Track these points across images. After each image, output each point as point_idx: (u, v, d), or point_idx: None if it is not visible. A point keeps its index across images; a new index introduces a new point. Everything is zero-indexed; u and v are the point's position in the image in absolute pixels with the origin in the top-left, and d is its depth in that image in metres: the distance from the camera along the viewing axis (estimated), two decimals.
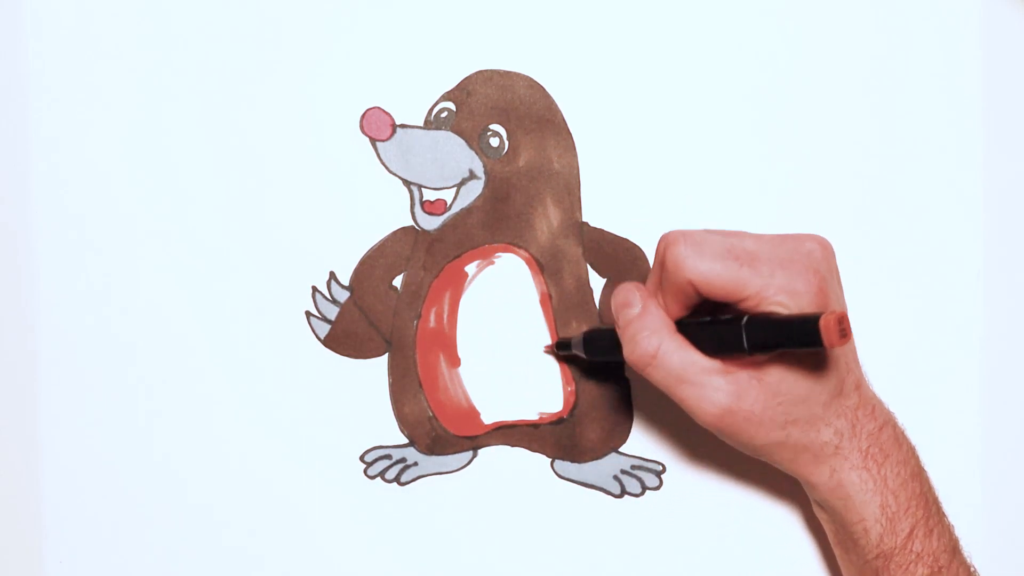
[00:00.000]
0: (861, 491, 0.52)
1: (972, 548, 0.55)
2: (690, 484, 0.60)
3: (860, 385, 0.53)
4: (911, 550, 0.52)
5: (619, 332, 0.53)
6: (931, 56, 0.60)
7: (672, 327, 0.51)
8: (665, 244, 0.51)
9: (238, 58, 0.58)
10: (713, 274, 0.50)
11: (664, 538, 0.60)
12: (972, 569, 0.54)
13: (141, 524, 0.59)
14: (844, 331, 0.46)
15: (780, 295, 0.49)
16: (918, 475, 0.53)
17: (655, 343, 0.51)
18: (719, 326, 0.50)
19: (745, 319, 0.49)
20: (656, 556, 0.60)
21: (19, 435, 0.59)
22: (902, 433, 0.54)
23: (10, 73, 0.58)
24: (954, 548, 0.53)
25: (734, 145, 0.60)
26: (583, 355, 0.58)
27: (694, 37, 0.59)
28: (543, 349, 0.60)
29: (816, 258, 0.51)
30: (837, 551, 0.56)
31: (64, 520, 0.59)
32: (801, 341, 0.47)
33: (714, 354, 0.51)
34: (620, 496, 0.60)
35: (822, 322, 0.46)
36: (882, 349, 0.60)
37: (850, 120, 0.60)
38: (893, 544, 0.52)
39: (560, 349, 0.59)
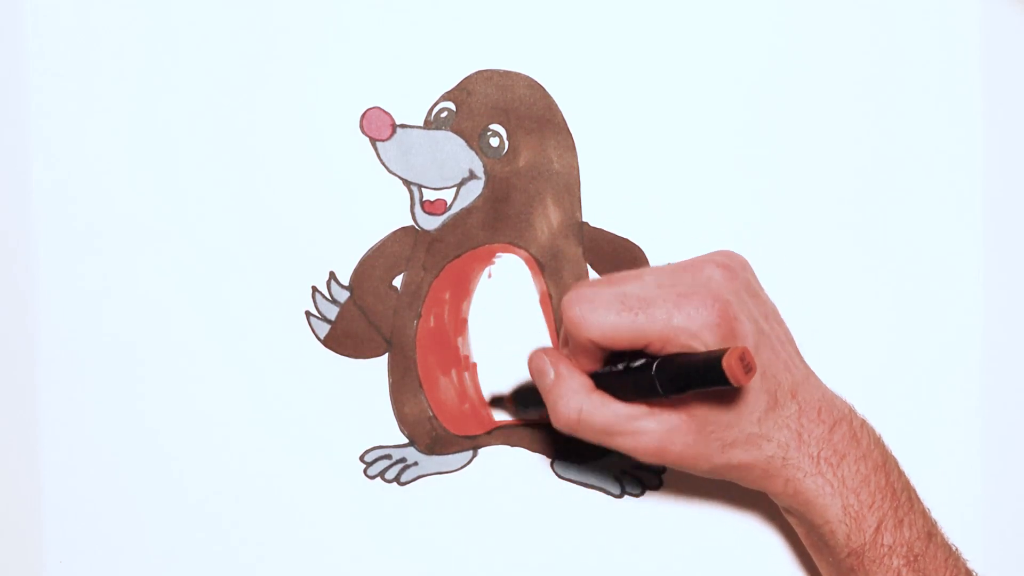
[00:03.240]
0: (820, 495, 0.52)
1: (972, 548, 0.55)
2: (690, 484, 0.60)
3: (797, 391, 0.52)
4: (881, 544, 0.52)
5: (543, 398, 0.54)
6: (931, 56, 0.60)
7: (589, 385, 0.52)
8: (562, 308, 0.51)
9: (238, 58, 0.58)
10: (610, 330, 0.50)
11: (664, 538, 0.60)
12: (953, 548, 0.53)
13: (141, 524, 0.59)
14: (748, 366, 0.46)
15: (681, 336, 0.49)
16: (882, 467, 0.53)
17: (575, 407, 0.52)
18: (633, 374, 0.50)
19: (654, 367, 0.49)
20: (656, 556, 0.60)
21: (19, 435, 0.59)
22: (861, 426, 0.53)
23: (10, 73, 0.58)
24: (929, 533, 0.53)
25: (734, 145, 0.59)
26: (516, 414, 0.59)
27: (693, 37, 0.59)
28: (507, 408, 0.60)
29: (716, 284, 0.51)
30: (811, 553, 0.56)
31: (64, 520, 0.59)
32: (711, 381, 0.47)
33: (636, 400, 0.51)
34: (620, 496, 0.60)
35: (724, 364, 0.46)
36: (882, 350, 0.60)
37: (850, 120, 0.60)
38: (862, 541, 0.52)
39: (515, 406, 0.59)
